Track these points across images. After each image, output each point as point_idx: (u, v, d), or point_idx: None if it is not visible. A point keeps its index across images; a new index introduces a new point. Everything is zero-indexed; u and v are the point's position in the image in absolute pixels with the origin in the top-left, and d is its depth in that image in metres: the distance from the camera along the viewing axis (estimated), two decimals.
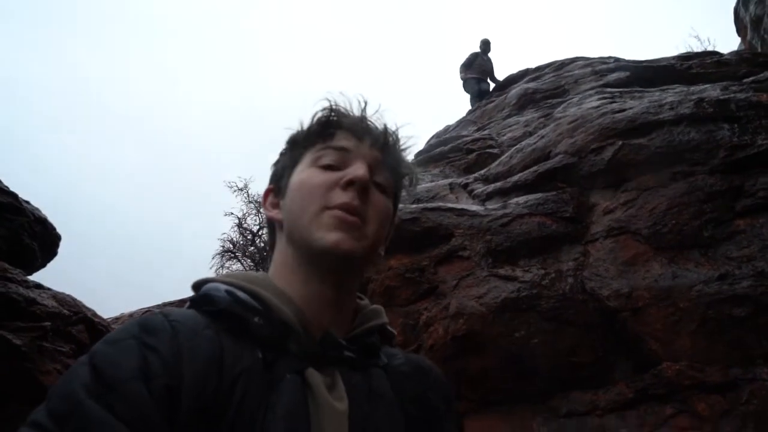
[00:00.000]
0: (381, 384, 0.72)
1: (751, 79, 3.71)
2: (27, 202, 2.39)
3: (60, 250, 2.50)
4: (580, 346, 2.37)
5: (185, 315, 0.63)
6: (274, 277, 0.72)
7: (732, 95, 2.87)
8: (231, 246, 10.86)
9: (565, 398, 2.36)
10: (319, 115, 0.77)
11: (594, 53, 6.99)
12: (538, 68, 6.97)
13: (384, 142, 0.77)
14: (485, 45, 9.23)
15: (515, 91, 6.06)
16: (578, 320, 2.38)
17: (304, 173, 0.75)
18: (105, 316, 3.00)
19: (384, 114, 0.80)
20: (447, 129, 6.83)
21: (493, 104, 6.48)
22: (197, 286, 0.72)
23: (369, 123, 0.78)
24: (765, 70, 4.24)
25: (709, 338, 2.09)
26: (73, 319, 2.13)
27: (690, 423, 2.01)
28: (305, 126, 0.78)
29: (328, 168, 0.73)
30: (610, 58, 6.18)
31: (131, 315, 5.13)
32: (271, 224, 0.79)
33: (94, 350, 0.57)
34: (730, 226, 2.28)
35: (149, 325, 0.60)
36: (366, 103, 0.78)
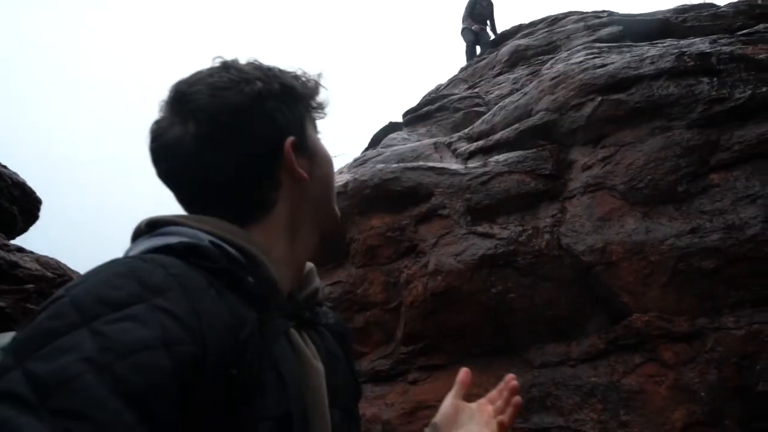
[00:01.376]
0: (331, 343, 0.75)
1: (743, 31, 3.65)
2: (4, 167, 2.39)
3: (43, 213, 2.52)
4: (555, 301, 2.43)
5: (183, 268, 0.55)
6: (255, 234, 0.67)
7: (717, 48, 2.82)
8: None
9: (541, 350, 2.43)
10: (317, 84, 0.77)
11: (590, 6, 6.83)
12: (532, 24, 6.82)
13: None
14: None
15: (506, 48, 5.96)
16: (554, 275, 2.43)
17: (321, 144, 0.78)
18: None
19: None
20: (438, 88, 6.74)
21: (484, 62, 6.38)
22: (154, 224, 0.64)
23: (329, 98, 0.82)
24: (761, 21, 4.15)
25: (679, 290, 2.14)
26: (57, 282, 2.17)
27: (656, 370, 2.08)
28: (308, 87, 0.76)
29: None
30: (604, 12, 6.04)
31: None
32: (279, 181, 0.70)
33: (91, 311, 0.48)
34: (704, 180, 2.29)
35: (151, 281, 0.52)
36: (324, 76, 0.80)
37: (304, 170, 0.70)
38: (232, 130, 0.66)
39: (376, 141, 4.82)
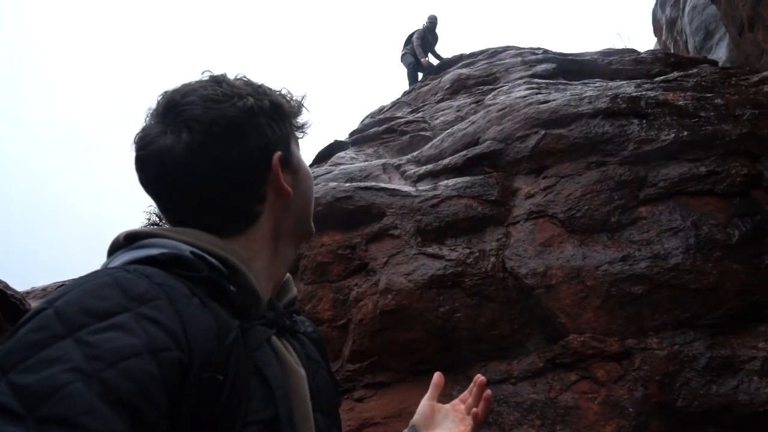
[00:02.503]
0: (311, 350, 0.79)
1: (661, 78, 4.04)
2: None
3: None
4: (499, 320, 2.55)
5: (166, 278, 0.56)
6: (238, 244, 0.69)
7: (644, 92, 3.13)
8: (158, 219, 10.38)
9: (484, 368, 2.53)
10: (301, 104, 0.80)
11: (526, 42, 7.27)
12: (472, 54, 7.17)
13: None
14: (432, 20, 8.99)
15: (449, 76, 6.21)
16: (498, 296, 2.56)
17: (305, 164, 0.81)
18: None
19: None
20: (381, 109, 6.88)
21: (427, 87, 6.60)
22: (133, 237, 0.65)
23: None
24: (675, 69, 4.62)
25: (610, 313, 2.32)
26: None
27: (589, 387, 2.23)
28: (292, 106, 0.79)
29: None
30: (539, 49, 6.46)
31: (44, 289, 4.86)
32: (265, 194, 0.72)
33: (75, 322, 0.48)
34: (634, 212, 2.52)
35: (135, 291, 0.52)
36: (303, 98, 0.83)
37: (288, 185, 0.73)
38: (225, 142, 0.68)
39: (321, 158, 4.85)
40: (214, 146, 0.67)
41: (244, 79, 0.76)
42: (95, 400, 0.43)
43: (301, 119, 0.80)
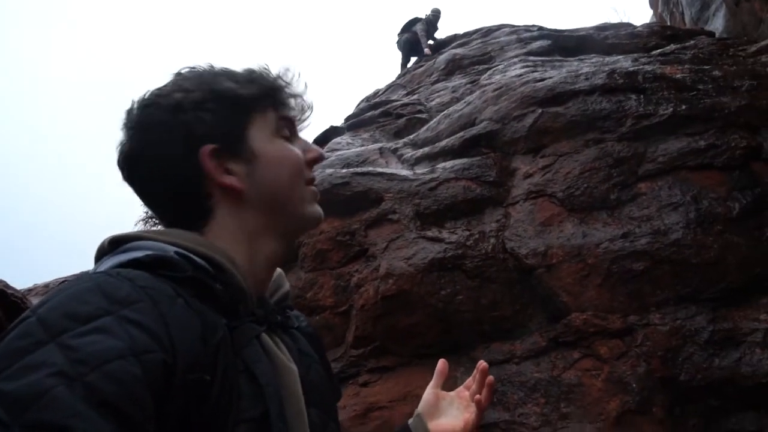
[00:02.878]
0: (304, 344, 0.78)
1: (658, 51, 4.00)
2: None
3: None
4: (500, 302, 2.56)
5: (149, 280, 0.56)
6: (216, 241, 0.68)
7: (641, 67, 3.09)
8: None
9: (487, 349, 2.54)
10: (265, 77, 0.74)
11: (520, 20, 7.19)
12: (466, 34, 7.09)
13: (311, 110, 0.81)
14: (435, 14, 8.99)
15: (443, 56, 6.15)
16: (499, 277, 2.56)
17: (277, 145, 0.74)
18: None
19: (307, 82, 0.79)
20: (377, 93, 6.83)
21: (422, 69, 6.54)
22: (117, 242, 0.65)
23: (305, 89, 0.79)
24: (671, 42, 4.56)
25: (612, 290, 2.32)
26: None
27: (592, 364, 2.24)
28: (248, 84, 0.73)
29: (287, 140, 0.76)
30: (534, 26, 6.39)
31: (46, 286, 4.86)
32: (206, 190, 0.70)
33: (58, 327, 0.48)
34: (633, 189, 2.50)
35: (118, 294, 0.52)
36: (297, 69, 0.78)
37: (239, 175, 0.70)
38: (154, 143, 0.69)
39: (317, 144, 4.81)
40: (147, 148, 0.70)
41: (195, 69, 0.74)
42: (80, 403, 0.43)
43: (278, 96, 0.75)
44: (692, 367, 2.08)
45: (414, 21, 8.87)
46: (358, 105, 6.33)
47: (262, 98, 0.73)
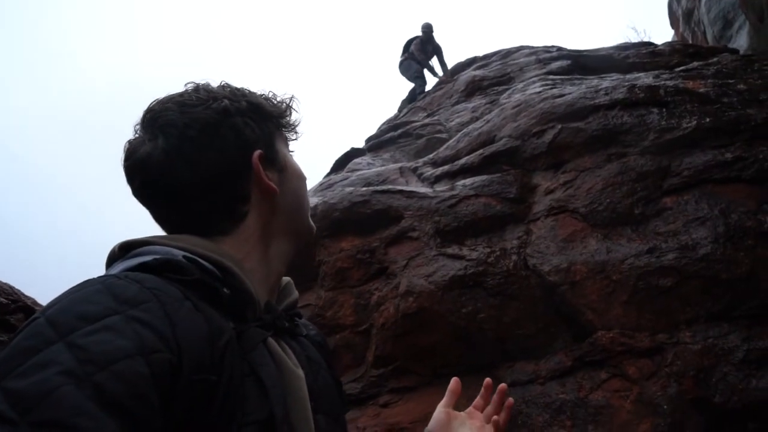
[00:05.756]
0: (313, 352, 0.78)
1: (681, 68, 3.95)
2: None
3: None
4: (523, 320, 2.50)
5: (157, 282, 0.57)
6: (227, 245, 0.69)
7: (662, 82, 3.05)
8: None
9: (510, 369, 2.48)
10: (288, 104, 0.81)
11: (539, 42, 7.22)
12: (486, 56, 7.13)
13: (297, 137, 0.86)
14: (425, 29, 8.83)
15: (463, 78, 6.18)
16: (521, 295, 2.51)
17: (293, 160, 0.81)
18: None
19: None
20: (397, 115, 6.89)
21: (442, 91, 6.59)
22: (127, 247, 0.66)
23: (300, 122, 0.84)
24: (694, 59, 4.51)
25: (639, 307, 2.25)
26: (11, 308, 2.05)
27: (621, 385, 2.16)
28: (277, 106, 0.79)
29: None
30: (553, 47, 6.40)
31: None
32: (248, 193, 0.72)
33: (66, 326, 0.48)
34: (658, 203, 2.44)
35: (126, 295, 0.53)
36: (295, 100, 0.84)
37: (273, 183, 0.73)
38: (200, 144, 0.69)
39: (338, 166, 4.86)
40: (189, 149, 0.68)
41: (225, 84, 0.77)
42: (87, 402, 0.44)
43: (288, 119, 0.81)
44: (727, 388, 1.99)
45: (410, 42, 8.85)
46: (379, 127, 6.39)
47: (284, 121, 0.80)
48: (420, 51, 8.55)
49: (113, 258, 0.66)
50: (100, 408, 0.44)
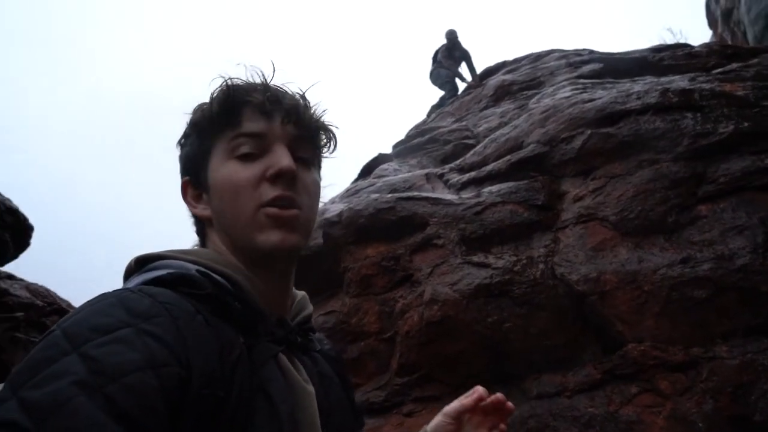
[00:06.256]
0: (325, 367, 0.77)
1: (718, 70, 3.81)
2: None
3: (34, 240, 2.46)
4: (551, 330, 2.44)
5: (170, 296, 0.57)
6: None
7: (698, 85, 2.95)
8: None
9: (537, 380, 2.42)
10: (219, 96, 0.69)
11: (571, 46, 7.09)
12: (515, 60, 7.04)
13: (296, 113, 0.70)
14: (449, 36, 8.76)
15: (492, 82, 6.12)
16: (549, 305, 2.45)
17: (225, 168, 0.68)
18: None
19: (286, 79, 0.73)
20: (425, 121, 6.87)
21: (470, 96, 6.53)
22: (143, 261, 0.66)
23: (275, 94, 0.70)
24: (733, 61, 4.35)
25: (672, 319, 2.17)
26: (47, 310, 2.12)
27: (653, 400, 2.09)
28: (207, 109, 0.71)
29: (247, 158, 0.68)
30: (584, 50, 6.27)
31: None
32: (199, 220, 0.75)
33: (80, 338, 0.50)
34: (692, 211, 2.36)
35: (139, 309, 0.54)
36: (263, 72, 0.71)
37: (203, 205, 0.73)
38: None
39: (366, 171, 4.86)
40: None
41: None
42: (99, 413, 0.45)
43: (220, 109, 0.69)
44: None
45: (438, 51, 8.84)
46: (407, 133, 6.37)
47: (218, 119, 0.70)
48: (447, 58, 8.54)
49: (130, 271, 0.67)
50: (111, 419, 0.45)
